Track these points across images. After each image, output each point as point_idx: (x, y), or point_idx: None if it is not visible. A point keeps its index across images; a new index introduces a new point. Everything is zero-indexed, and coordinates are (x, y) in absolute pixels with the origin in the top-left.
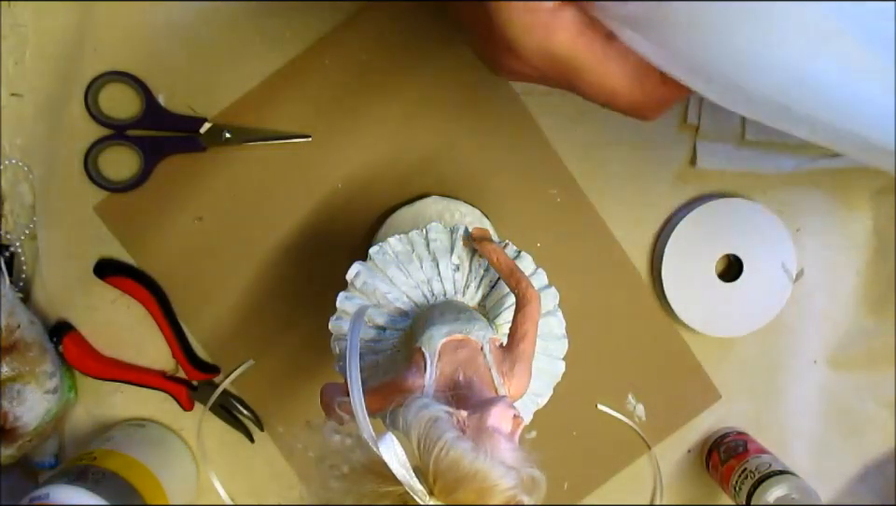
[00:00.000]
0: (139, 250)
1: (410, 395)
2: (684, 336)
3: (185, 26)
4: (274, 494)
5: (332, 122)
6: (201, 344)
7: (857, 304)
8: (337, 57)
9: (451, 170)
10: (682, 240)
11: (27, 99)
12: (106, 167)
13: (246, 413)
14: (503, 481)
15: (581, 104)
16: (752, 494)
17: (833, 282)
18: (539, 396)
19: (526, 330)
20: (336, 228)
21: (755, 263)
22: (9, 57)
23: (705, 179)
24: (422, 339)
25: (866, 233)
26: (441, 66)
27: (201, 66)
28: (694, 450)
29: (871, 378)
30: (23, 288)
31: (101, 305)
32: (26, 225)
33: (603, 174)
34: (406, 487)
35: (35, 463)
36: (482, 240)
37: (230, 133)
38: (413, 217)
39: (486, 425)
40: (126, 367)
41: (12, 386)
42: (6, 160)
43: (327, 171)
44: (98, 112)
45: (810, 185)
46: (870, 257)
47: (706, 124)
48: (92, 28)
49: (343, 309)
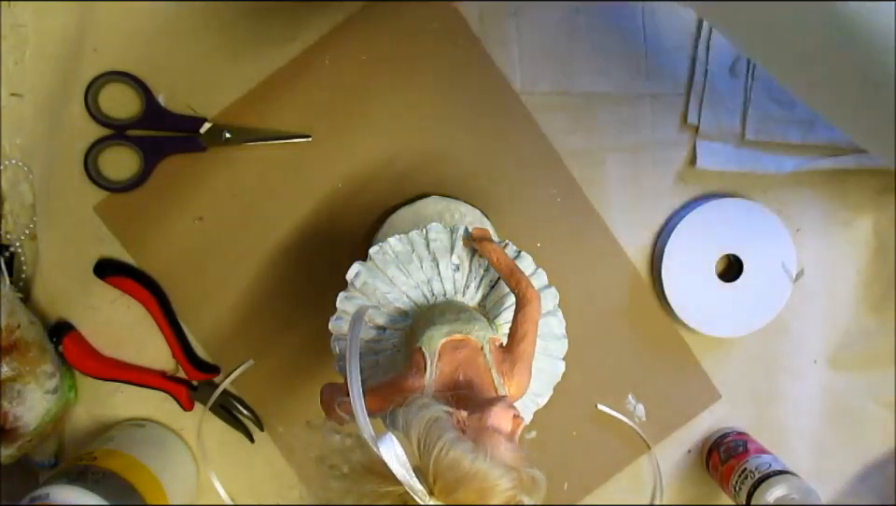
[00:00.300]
0: (139, 250)
1: (410, 395)
2: (684, 336)
3: (185, 26)
4: (274, 494)
5: (332, 122)
6: (201, 344)
7: (857, 304)
8: (337, 57)
9: (451, 170)
10: (682, 240)
11: (27, 99)
12: (106, 167)
13: (246, 413)
14: (503, 481)
15: (582, 104)
16: (752, 494)
17: (832, 282)
18: (539, 396)
19: (526, 331)
20: (336, 228)
21: (755, 263)
22: (9, 57)
23: (705, 179)
24: (422, 339)
25: (866, 233)
26: (441, 66)
27: (201, 66)
28: (694, 450)
29: (871, 378)
30: (23, 288)
31: (101, 305)
32: (26, 225)
33: (603, 174)
34: (406, 487)
35: (35, 463)
36: (482, 240)
37: (230, 133)
38: (413, 217)
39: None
40: (126, 367)
41: (12, 386)
42: (6, 160)
43: (327, 171)
44: (98, 112)
45: (810, 185)
46: (870, 257)
47: (706, 124)
48: (92, 28)
49: (343, 309)
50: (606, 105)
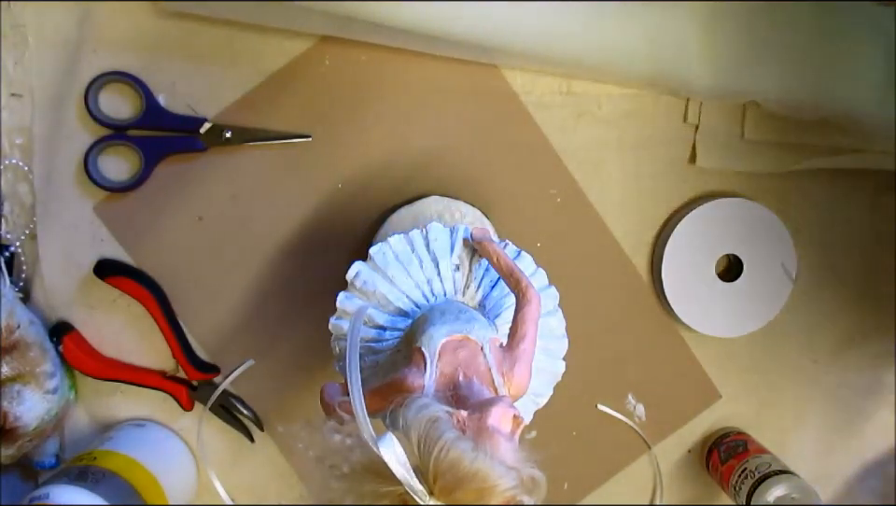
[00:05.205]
0: (139, 250)
1: (410, 395)
2: (684, 336)
3: (185, 26)
4: (274, 494)
5: (332, 122)
6: (201, 344)
7: (857, 304)
8: (337, 57)
9: (451, 170)
10: (682, 240)
11: (27, 99)
12: (106, 167)
13: (246, 412)
14: (503, 481)
15: (582, 104)
16: (752, 494)
17: (832, 282)
18: (539, 396)
19: (526, 331)
20: (336, 228)
21: (755, 263)
22: (9, 57)
23: (705, 179)
24: (422, 339)
25: (866, 234)
26: (441, 66)
27: (201, 66)
28: (694, 450)
29: (871, 378)
30: (23, 288)
31: (101, 305)
32: (26, 225)
33: (603, 173)
34: (406, 487)
35: (35, 463)
36: (482, 240)
37: (230, 133)
38: (413, 217)
39: (486, 425)
40: (126, 367)
41: (12, 386)
42: (6, 160)
43: (327, 171)
44: (98, 112)
45: (810, 185)
46: (870, 257)
47: (705, 123)
48: (92, 28)
49: (343, 309)
50: (606, 104)
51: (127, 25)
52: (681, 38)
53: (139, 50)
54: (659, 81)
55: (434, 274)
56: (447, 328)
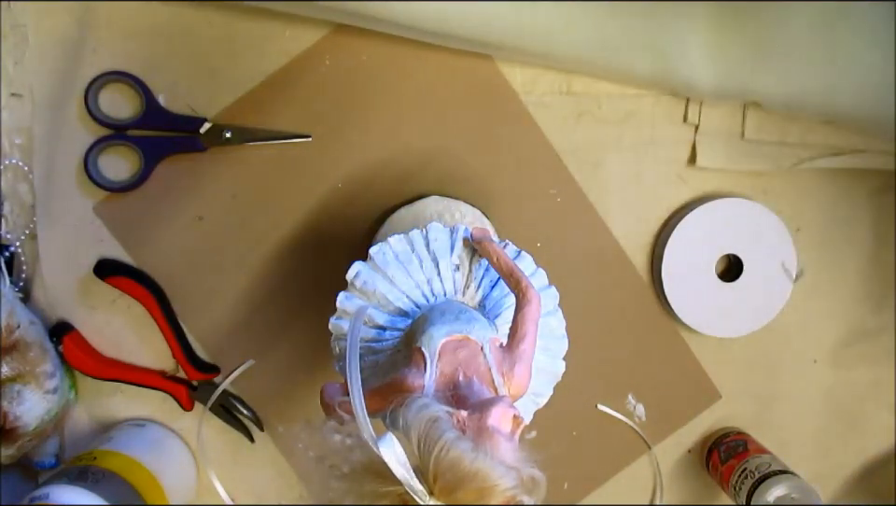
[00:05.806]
0: (139, 250)
1: (410, 395)
2: (684, 336)
3: (185, 26)
4: (274, 494)
5: (332, 122)
6: (201, 344)
7: (857, 304)
8: (337, 57)
9: (451, 170)
10: (682, 240)
11: (27, 99)
12: (106, 167)
13: (246, 413)
14: (503, 481)
15: (582, 104)
16: (752, 494)
17: (832, 282)
18: (539, 396)
19: (527, 331)
20: (336, 228)
21: (755, 263)
22: (9, 57)
23: (705, 179)
24: (422, 339)
25: (866, 233)
26: (441, 66)
27: (201, 66)
28: (694, 450)
29: (871, 378)
30: (23, 288)
31: (101, 305)
32: (26, 225)
33: (603, 173)
34: (406, 487)
35: (35, 463)
36: (482, 240)
37: (230, 133)
38: (413, 217)
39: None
40: (126, 367)
41: (12, 386)
42: (6, 160)
43: (327, 171)
44: (98, 112)
45: (810, 185)
46: (870, 256)
47: (705, 123)
48: (92, 28)
49: (343, 309)
50: (606, 104)
51: (127, 25)
52: (684, 39)
53: (139, 50)
54: (662, 81)
55: (434, 274)
56: (447, 328)
